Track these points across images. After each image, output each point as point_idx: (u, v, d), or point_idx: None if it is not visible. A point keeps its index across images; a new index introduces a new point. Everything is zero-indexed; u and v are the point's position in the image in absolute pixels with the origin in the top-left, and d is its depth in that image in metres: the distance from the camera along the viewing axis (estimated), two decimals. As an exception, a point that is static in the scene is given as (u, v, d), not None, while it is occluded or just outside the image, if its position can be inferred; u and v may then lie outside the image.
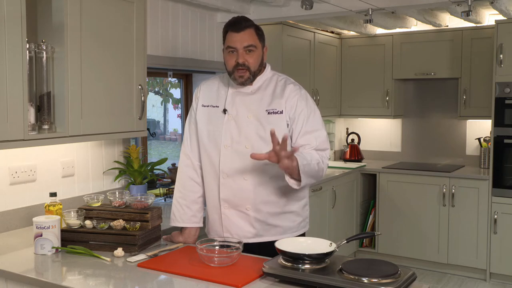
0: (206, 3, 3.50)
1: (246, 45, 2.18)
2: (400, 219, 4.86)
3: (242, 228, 2.27)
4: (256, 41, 2.21)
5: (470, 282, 4.50)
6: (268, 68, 2.33)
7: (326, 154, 2.26)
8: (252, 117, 2.22)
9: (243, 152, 2.21)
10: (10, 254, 2.18)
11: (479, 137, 4.93)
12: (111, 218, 2.22)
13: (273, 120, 2.21)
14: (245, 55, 2.19)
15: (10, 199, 2.53)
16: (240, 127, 2.23)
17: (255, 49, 2.20)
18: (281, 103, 2.22)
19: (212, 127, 2.29)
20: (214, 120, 2.29)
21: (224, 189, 2.26)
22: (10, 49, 2.08)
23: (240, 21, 2.21)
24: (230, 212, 2.27)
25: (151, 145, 5.28)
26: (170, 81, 4.68)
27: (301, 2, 3.40)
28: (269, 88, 2.27)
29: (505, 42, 4.24)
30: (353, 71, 5.31)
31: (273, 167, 2.19)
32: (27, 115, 2.17)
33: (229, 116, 2.25)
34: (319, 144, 2.23)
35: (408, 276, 1.71)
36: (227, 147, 2.24)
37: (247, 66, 2.19)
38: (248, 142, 2.21)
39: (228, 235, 2.29)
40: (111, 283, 1.84)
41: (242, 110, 2.24)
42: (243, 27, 2.19)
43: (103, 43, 2.54)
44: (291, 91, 2.25)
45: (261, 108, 2.23)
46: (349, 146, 5.41)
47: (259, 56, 2.23)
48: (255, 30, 2.22)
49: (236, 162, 2.23)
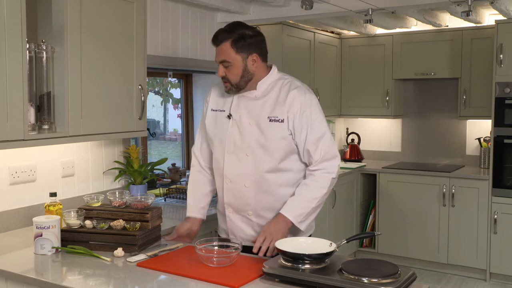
0: (206, 3, 3.50)
1: (220, 60, 2.18)
2: (400, 219, 4.86)
3: (245, 232, 2.29)
4: (231, 56, 2.15)
5: (470, 282, 4.50)
6: (274, 70, 2.28)
7: (334, 164, 2.21)
8: (254, 123, 2.20)
9: (244, 159, 2.21)
10: (10, 254, 2.18)
11: (479, 137, 4.93)
12: (111, 218, 2.22)
13: (274, 128, 2.18)
14: (223, 68, 2.19)
15: (10, 199, 2.53)
16: (243, 133, 2.22)
17: (230, 64, 2.16)
18: (283, 110, 2.18)
19: (218, 131, 2.29)
20: (220, 125, 2.29)
21: (228, 194, 2.27)
22: (10, 49, 2.08)
23: (218, 34, 2.18)
24: (234, 216, 2.29)
25: (151, 145, 5.28)
26: (170, 81, 4.68)
27: (301, 2, 3.40)
28: (273, 93, 2.22)
29: (505, 42, 4.24)
30: (353, 71, 5.31)
31: (274, 175, 2.20)
32: (27, 115, 2.17)
33: (233, 121, 2.24)
34: (324, 154, 2.19)
35: (408, 276, 1.71)
36: (230, 152, 2.24)
37: (227, 79, 2.20)
38: (249, 149, 2.20)
39: (233, 237, 2.31)
40: (111, 283, 1.84)
41: (245, 116, 2.22)
42: (218, 41, 2.17)
43: (103, 43, 2.54)
44: (294, 97, 2.18)
45: (263, 114, 2.20)
46: (349, 146, 5.41)
47: (238, 69, 2.16)
48: (232, 42, 2.14)
49: (238, 168, 2.22)
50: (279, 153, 2.19)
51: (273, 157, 2.19)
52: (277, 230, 2.10)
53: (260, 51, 2.21)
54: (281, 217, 2.14)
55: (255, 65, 2.19)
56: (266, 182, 2.21)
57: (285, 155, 2.20)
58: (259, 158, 2.18)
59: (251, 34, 2.17)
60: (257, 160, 2.19)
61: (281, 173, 2.21)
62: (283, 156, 2.20)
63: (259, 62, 2.20)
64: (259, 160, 2.19)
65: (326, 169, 2.19)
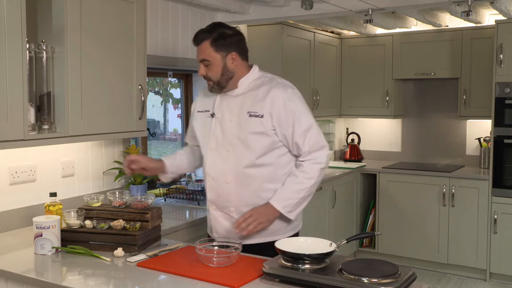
0: (206, 3, 3.50)
1: (200, 59, 2.25)
2: (400, 219, 4.86)
3: (227, 229, 2.31)
4: (210, 55, 2.21)
5: (470, 282, 4.50)
6: (255, 69, 2.33)
7: (322, 154, 2.27)
8: (234, 120, 2.26)
9: (225, 155, 2.26)
10: (10, 254, 2.18)
11: (479, 137, 4.93)
12: (111, 218, 2.22)
13: (253, 123, 2.21)
14: (204, 67, 2.25)
15: (10, 199, 2.53)
16: (224, 130, 2.27)
17: (210, 62, 2.22)
18: (263, 106, 2.21)
19: (204, 131, 2.36)
20: (205, 124, 2.36)
21: (211, 191, 2.32)
22: (10, 49, 2.08)
23: (198, 34, 2.25)
24: (217, 213, 2.33)
25: (151, 145, 5.28)
26: (170, 81, 4.68)
27: (301, 2, 3.40)
28: (254, 90, 2.27)
29: (505, 42, 4.24)
30: (353, 71, 5.31)
31: (254, 170, 2.24)
32: (27, 115, 2.17)
33: (216, 119, 2.31)
34: (312, 145, 2.24)
35: (408, 276, 1.71)
36: (212, 150, 2.30)
37: (208, 78, 2.27)
38: (229, 145, 2.25)
39: (216, 235, 2.34)
40: (111, 283, 1.84)
41: (226, 113, 2.28)
42: (199, 41, 2.24)
43: (103, 43, 2.54)
44: (277, 93, 2.22)
45: (243, 110, 2.25)
46: (349, 146, 5.41)
47: (218, 67, 2.22)
48: (212, 41, 2.20)
49: (219, 165, 2.28)
50: (259, 148, 2.22)
51: (253, 152, 2.23)
52: (265, 213, 2.20)
53: (240, 50, 2.26)
54: (269, 206, 2.22)
55: (234, 64, 2.24)
56: (246, 178, 2.24)
57: (265, 150, 2.23)
58: (240, 153, 2.23)
59: (231, 34, 2.24)
60: (238, 156, 2.24)
61: (262, 168, 2.24)
62: (263, 151, 2.23)
63: (239, 60, 2.26)
64: (240, 156, 2.24)
65: (315, 159, 2.24)
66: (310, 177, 2.24)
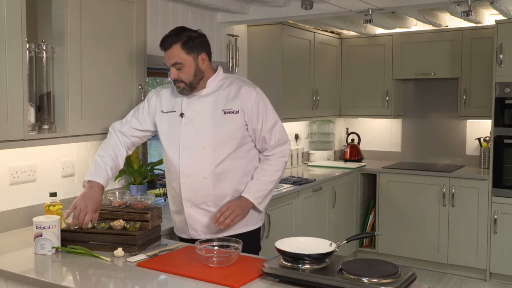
0: (206, 3, 3.50)
1: (172, 63, 2.29)
2: (400, 219, 4.86)
3: (206, 225, 2.37)
4: (182, 57, 2.27)
5: (470, 282, 4.50)
6: (221, 70, 2.43)
7: (285, 148, 2.44)
8: (208, 118, 2.33)
9: (201, 152, 2.32)
10: (10, 254, 2.18)
11: (479, 137, 4.93)
12: (111, 218, 2.22)
13: (229, 119, 2.32)
14: (176, 70, 2.30)
15: (10, 199, 2.53)
16: (197, 128, 2.33)
17: (182, 65, 2.28)
18: (236, 103, 2.33)
19: (171, 131, 2.39)
20: (173, 124, 2.39)
21: (186, 189, 2.35)
22: (10, 49, 2.08)
23: (165, 39, 2.30)
24: (193, 210, 2.37)
25: (151, 145, 5.28)
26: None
27: (301, 2, 3.40)
28: (223, 89, 2.37)
29: (505, 42, 4.24)
30: (353, 71, 5.31)
31: (231, 163, 2.34)
32: (27, 115, 2.17)
33: (186, 119, 2.35)
34: (278, 139, 2.41)
35: (408, 276, 1.71)
36: (185, 148, 2.34)
37: (180, 80, 2.31)
38: (205, 142, 2.32)
39: (194, 233, 2.39)
40: (111, 283, 1.84)
41: (198, 112, 2.34)
42: (167, 45, 2.29)
43: (103, 43, 2.54)
44: (247, 92, 2.35)
45: (217, 108, 2.33)
46: (349, 146, 5.41)
47: (191, 68, 2.29)
48: (182, 44, 2.26)
49: (195, 162, 2.33)
50: (235, 142, 2.34)
51: (228, 147, 2.33)
52: (241, 206, 2.31)
53: (207, 51, 2.36)
54: (243, 198, 2.34)
55: (204, 64, 2.34)
56: (223, 172, 2.33)
57: (239, 144, 2.36)
58: (216, 148, 2.31)
59: (197, 36, 2.33)
60: (214, 151, 2.31)
61: (237, 161, 2.36)
62: (238, 145, 2.35)
63: (207, 61, 2.36)
64: (216, 151, 2.31)
65: (280, 153, 2.42)
66: (277, 170, 2.41)
